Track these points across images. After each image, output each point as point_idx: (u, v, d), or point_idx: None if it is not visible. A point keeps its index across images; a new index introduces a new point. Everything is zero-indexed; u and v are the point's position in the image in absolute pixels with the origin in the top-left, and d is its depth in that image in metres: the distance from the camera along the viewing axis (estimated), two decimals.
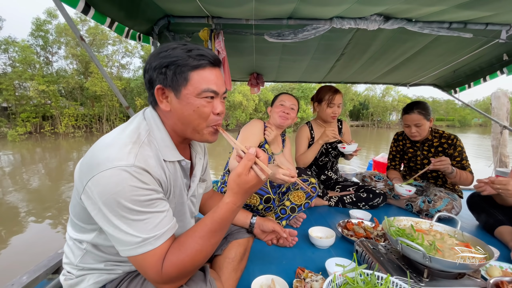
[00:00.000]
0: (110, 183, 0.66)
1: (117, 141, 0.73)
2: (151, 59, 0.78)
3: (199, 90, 0.77)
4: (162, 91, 0.78)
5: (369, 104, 43.58)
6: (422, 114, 2.05)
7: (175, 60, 0.75)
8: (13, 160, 13.06)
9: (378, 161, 4.74)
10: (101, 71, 1.49)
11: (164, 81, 0.77)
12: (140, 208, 0.68)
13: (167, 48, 0.77)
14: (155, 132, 0.80)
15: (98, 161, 0.69)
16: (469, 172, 2.01)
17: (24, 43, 23.35)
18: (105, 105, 25.58)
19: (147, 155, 0.74)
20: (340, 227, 1.69)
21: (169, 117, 0.82)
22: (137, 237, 0.68)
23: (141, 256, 0.70)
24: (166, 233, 0.72)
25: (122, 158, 0.68)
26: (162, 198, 0.75)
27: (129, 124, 0.81)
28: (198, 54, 0.77)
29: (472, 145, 17.84)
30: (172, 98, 0.78)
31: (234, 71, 3.11)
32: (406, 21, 1.76)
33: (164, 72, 0.76)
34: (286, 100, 1.90)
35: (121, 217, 0.67)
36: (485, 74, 2.75)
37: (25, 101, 22.69)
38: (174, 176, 0.84)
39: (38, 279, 1.07)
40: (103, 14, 1.41)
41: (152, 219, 0.70)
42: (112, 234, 0.69)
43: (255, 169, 0.75)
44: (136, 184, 0.68)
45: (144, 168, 0.70)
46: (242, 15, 1.74)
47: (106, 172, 0.66)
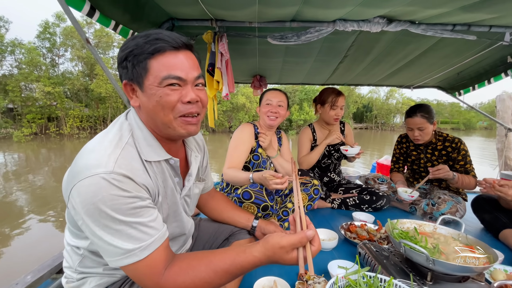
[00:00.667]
0: (89, 192, 0.62)
1: (98, 146, 0.69)
2: (119, 54, 0.73)
3: (159, 79, 0.69)
4: (130, 86, 0.74)
5: (372, 107, 43.41)
6: (425, 117, 2.03)
7: (132, 49, 0.69)
8: (18, 161, 13.20)
9: (381, 164, 4.72)
10: (106, 73, 1.50)
11: (127, 75, 0.72)
12: (123, 217, 0.64)
13: (128, 39, 0.72)
14: (136, 132, 0.76)
15: (78, 169, 0.66)
16: (472, 176, 2.00)
17: (31, 45, 23.68)
18: (109, 107, 25.81)
19: (131, 158, 0.70)
20: (343, 229, 1.69)
21: (141, 113, 0.77)
22: (121, 249, 0.65)
23: (130, 266, 0.67)
24: (153, 243, 0.68)
25: (100, 164, 0.64)
26: (148, 205, 0.70)
27: (112, 127, 0.77)
28: (156, 38, 0.69)
29: (477, 148, 17.66)
30: (139, 92, 0.73)
31: (237, 73, 3.13)
32: (409, 23, 1.76)
33: (125, 65, 0.71)
34: (272, 98, 1.84)
35: (104, 226, 0.64)
36: (490, 76, 2.73)
37: (31, 103, 22.99)
38: (162, 177, 0.80)
39: (42, 278, 1.08)
40: (108, 17, 1.43)
41: (136, 229, 0.66)
42: (98, 245, 0.67)
43: (300, 255, 0.71)
44: (116, 192, 0.63)
45: (125, 175, 0.66)
46: (245, 18, 1.75)
47: (85, 181, 0.63)
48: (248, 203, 1.56)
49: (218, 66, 1.87)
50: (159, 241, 0.70)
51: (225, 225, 1.21)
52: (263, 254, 0.71)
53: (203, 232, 1.20)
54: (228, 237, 1.19)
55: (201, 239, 1.18)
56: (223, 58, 1.89)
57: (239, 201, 1.62)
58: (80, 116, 25.02)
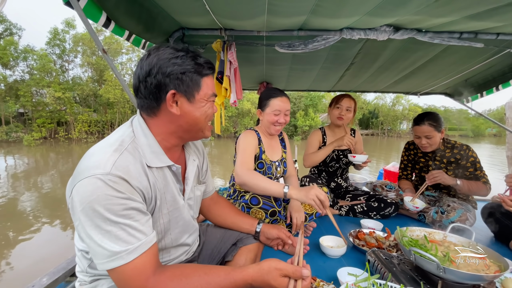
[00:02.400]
0: (87, 191, 0.67)
1: (99, 150, 0.75)
2: (161, 64, 0.77)
3: (208, 95, 0.85)
4: (174, 95, 0.80)
5: (378, 113, 43.13)
6: (433, 126, 2.02)
7: (190, 68, 0.80)
8: (28, 164, 13.45)
9: (389, 170, 4.68)
10: (119, 79, 1.55)
11: (179, 86, 0.79)
12: (114, 218, 0.68)
13: (177, 55, 0.79)
14: (141, 139, 0.81)
15: (79, 171, 0.71)
16: (483, 182, 1.96)
17: (43, 52, 24.32)
18: (117, 112, 26.23)
19: (128, 162, 0.74)
20: (351, 236, 1.68)
21: (172, 122, 0.83)
22: (108, 251, 0.67)
23: (117, 270, 0.69)
24: (140, 247, 0.71)
25: (99, 166, 0.69)
26: (140, 209, 0.74)
27: (115, 133, 0.82)
28: (206, 62, 0.84)
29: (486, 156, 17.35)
30: (184, 102, 0.82)
31: (244, 80, 3.17)
32: (416, 31, 1.77)
33: (181, 78, 0.79)
34: (281, 108, 1.72)
35: (96, 226, 0.67)
36: (498, 83, 2.71)
37: (41, 107, 23.51)
38: (163, 182, 0.84)
39: (57, 281, 1.10)
40: (122, 28, 1.49)
41: (125, 231, 0.69)
42: (90, 246, 0.69)
43: (290, 286, 0.74)
44: (110, 192, 0.68)
45: (121, 176, 0.70)
46: (254, 27, 1.79)
47: (84, 181, 0.68)
48: (256, 209, 1.58)
49: (227, 74, 1.91)
50: (146, 246, 0.72)
51: (232, 230, 1.23)
52: (257, 272, 0.75)
53: (211, 237, 1.21)
54: (236, 242, 1.20)
55: (209, 244, 1.19)
56: (231, 66, 1.93)
57: (247, 206, 1.63)
58: (89, 121, 25.46)
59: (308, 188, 1.31)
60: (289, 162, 1.97)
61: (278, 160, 1.89)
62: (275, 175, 1.86)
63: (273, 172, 1.84)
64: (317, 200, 1.26)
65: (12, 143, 21.71)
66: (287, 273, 0.75)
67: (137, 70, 0.81)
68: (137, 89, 0.81)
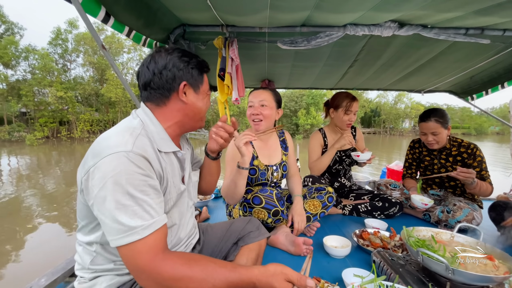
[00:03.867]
0: (110, 166, 0.70)
1: (115, 133, 0.79)
2: (174, 61, 0.89)
3: (207, 89, 0.99)
4: (186, 86, 0.91)
5: (381, 111, 42.97)
6: (439, 122, 1.99)
7: (197, 64, 0.93)
8: (30, 163, 13.50)
9: (392, 169, 4.64)
10: (120, 78, 1.53)
11: (190, 79, 0.91)
12: (134, 192, 0.71)
13: (186, 54, 0.92)
14: (150, 127, 0.87)
15: (99, 151, 0.73)
16: (488, 183, 1.94)
17: (44, 51, 24.38)
18: (119, 111, 26.29)
19: (145, 144, 0.80)
20: (355, 236, 1.65)
21: (180, 111, 0.93)
22: (124, 226, 0.69)
23: (130, 246, 0.70)
24: (154, 224, 0.73)
25: (120, 144, 0.74)
26: (156, 187, 0.78)
27: (122, 123, 0.87)
28: (203, 60, 0.97)
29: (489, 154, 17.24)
30: (191, 93, 0.93)
31: (246, 78, 3.14)
32: (421, 27, 1.74)
33: (191, 72, 0.91)
34: (253, 99, 1.68)
35: (115, 201, 0.69)
36: (503, 80, 2.67)
37: (43, 107, 23.60)
38: (171, 167, 0.91)
39: (56, 281, 1.08)
40: (122, 23, 1.46)
41: (141, 207, 0.72)
42: (105, 222, 0.71)
43: None
44: (133, 168, 0.72)
45: (142, 155, 0.75)
46: (256, 23, 1.76)
47: (107, 158, 0.71)
48: (259, 208, 1.55)
49: (228, 71, 1.88)
50: (159, 224, 0.75)
51: (232, 229, 1.21)
52: (263, 273, 0.76)
53: (211, 236, 1.20)
54: (237, 241, 1.18)
55: (209, 244, 1.17)
56: (233, 63, 1.90)
57: (249, 206, 1.61)
58: (91, 120, 25.54)
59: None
60: (291, 164, 1.89)
61: (277, 164, 1.79)
62: (271, 180, 1.77)
63: (268, 177, 1.75)
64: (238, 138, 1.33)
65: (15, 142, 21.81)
66: (292, 279, 0.76)
67: (151, 65, 0.89)
68: (150, 82, 0.89)
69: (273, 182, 1.81)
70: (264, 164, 1.75)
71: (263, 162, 1.75)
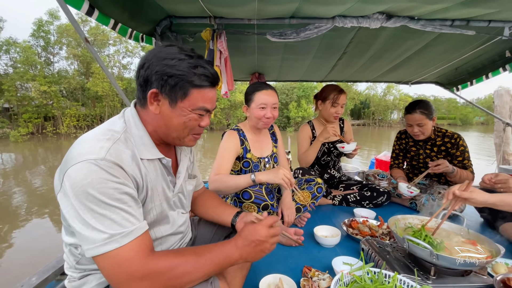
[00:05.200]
0: (80, 175, 0.66)
1: (91, 138, 0.74)
2: (154, 61, 0.78)
3: (195, 107, 0.81)
4: (156, 95, 0.79)
5: (370, 103, 43.49)
6: (424, 114, 2.04)
7: (180, 74, 0.77)
8: (15, 161, 13.11)
9: (380, 160, 4.73)
10: (105, 71, 1.49)
11: (163, 88, 0.78)
12: (109, 201, 0.67)
13: (173, 57, 0.77)
14: (133, 130, 0.81)
15: (71, 156, 0.70)
16: (470, 172, 2.03)
17: (26, 44, 23.41)
18: (106, 106, 25.65)
19: (121, 151, 0.74)
20: (345, 225, 1.70)
21: (155, 119, 0.83)
22: (104, 233, 0.66)
23: (110, 254, 0.67)
24: (135, 231, 0.70)
25: (93, 151, 0.69)
26: (133, 195, 0.74)
27: (107, 123, 0.82)
28: (203, 74, 0.80)
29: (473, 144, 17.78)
30: (165, 104, 0.80)
31: (235, 71, 3.12)
32: (408, 19, 1.76)
33: (165, 80, 0.77)
34: (267, 101, 1.63)
35: (90, 210, 0.66)
36: (488, 71, 2.74)
37: (27, 102, 22.77)
38: (154, 174, 0.84)
39: (47, 280, 1.07)
40: (106, 16, 1.42)
41: (119, 215, 0.69)
42: (80, 232, 0.67)
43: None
44: (105, 176, 0.68)
45: (116, 162, 0.71)
46: (244, 15, 1.74)
47: (77, 165, 0.67)
48: (248, 203, 1.56)
49: (217, 64, 1.86)
50: (140, 231, 0.72)
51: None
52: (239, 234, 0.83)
53: (203, 231, 1.19)
54: (229, 234, 1.18)
55: (201, 238, 1.17)
56: (222, 56, 1.88)
57: (239, 201, 1.62)
58: (77, 115, 24.83)
59: (275, 169, 1.39)
60: (280, 156, 1.93)
61: (268, 155, 1.83)
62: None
63: (261, 169, 1.78)
64: (286, 179, 1.38)
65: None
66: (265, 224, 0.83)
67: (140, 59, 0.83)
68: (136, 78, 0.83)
69: None
70: (257, 156, 1.77)
71: (256, 155, 1.77)
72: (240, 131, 1.75)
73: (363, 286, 0.88)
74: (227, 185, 1.51)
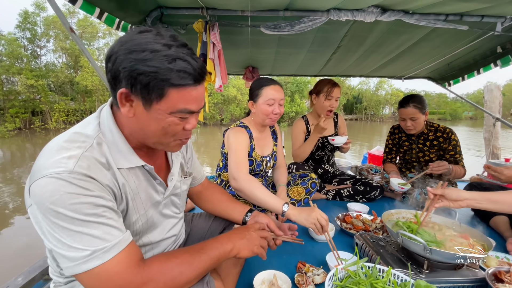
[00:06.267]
0: (46, 193, 0.58)
1: (58, 145, 0.64)
2: (120, 53, 0.63)
3: (175, 109, 0.67)
4: (127, 95, 0.66)
5: (362, 98, 43.80)
6: (417, 108, 2.06)
7: (153, 71, 0.62)
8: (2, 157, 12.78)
9: (373, 154, 4.78)
10: (92, 64, 1.44)
11: (133, 87, 0.64)
12: (83, 217, 0.60)
13: (145, 48, 0.62)
14: (107, 135, 0.70)
15: (35, 169, 0.61)
16: (461, 166, 2.06)
17: (11, 36, 22.63)
18: (96, 100, 25.09)
19: (93, 160, 0.65)
20: (339, 220, 1.70)
21: (130, 122, 0.71)
22: (84, 250, 0.59)
23: (93, 271, 0.60)
24: (119, 244, 0.63)
25: (59, 164, 0.60)
26: (111, 207, 0.66)
27: (79, 126, 0.72)
28: (182, 70, 0.64)
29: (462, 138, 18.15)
30: (139, 106, 0.67)
31: (229, 64, 3.06)
32: (403, 13, 1.74)
33: (135, 77, 0.62)
34: (275, 96, 1.58)
35: (63, 229, 0.59)
36: (479, 66, 2.76)
37: (13, 96, 22.08)
38: (136, 182, 0.76)
39: (34, 280, 1.04)
40: (91, 4, 1.35)
41: (98, 230, 0.61)
42: (56, 251, 0.60)
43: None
44: (75, 190, 0.59)
45: (87, 174, 0.62)
46: (237, 6, 1.69)
47: (41, 181, 0.59)
48: (243, 200, 1.55)
49: (210, 57, 1.82)
50: (124, 243, 0.65)
51: (218, 219, 1.19)
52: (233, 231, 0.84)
53: (196, 227, 1.18)
54: (223, 230, 1.17)
55: (195, 235, 1.16)
56: (215, 49, 1.83)
57: (234, 197, 1.60)
58: (66, 110, 24.23)
59: (309, 210, 1.22)
60: (279, 154, 1.91)
61: (269, 154, 1.81)
62: (264, 170, 1.81)
63: (263, 168, 1.76)
64: (318, 224, 1.17)
65: None
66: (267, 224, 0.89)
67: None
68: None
69: (265, 172, 1.83)
70: (260, 155, 1.74)
71: (259, 154, 1.74)
72: (247, 129, 1.68)
73: (358, 281, 0.88)
74: (255, 195, 1.35)
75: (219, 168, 1.81)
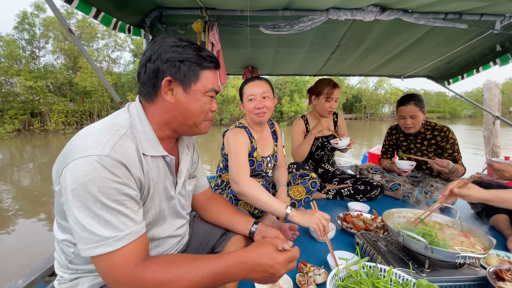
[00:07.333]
0: (81, 171, 0.64)
1: (95, 131, 0.72)
2: (162, 50, 0.78)
3: (207, 89, 0.83)
4: (170, 83, 0.79)
5: (362, 97, 43.82)
6: (418, 105, 2.07)
7: (190, 57, 0.79)
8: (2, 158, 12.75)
9: (373, 153, 4.78)
10: (92, 65, 1.43)
11: (176, 74, 0.78)
12: (107, 201, 0.65)
13: (179, 44, 0.79)
14: (137, 125, 0.80)
15: (73, 150, 0.68)
16: (461, 164, 2.06)
17: (9, 37, 22.58)
18: (95, 101, 25.07)
19: (127, 147, 0.73)
20: (339, 219, 1.70)
21: (169, 110, 0.82)
22: (96, 235, 0.64)
23: (103, 257, 0.66)
24: (130, 235, 0.68)
25: (97, 147, 0.67)
26: (133, 196, 0.72)
27: (111, 117, 0.81)
28: (209, 55, 0.83)
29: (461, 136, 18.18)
30: (179, 92, 0.80)
31: (228, 65, 3.06)
32: (402, 12, 1.74)
33: (178, 66, 0.78)
34: (254, 92, 1.57)
35: (86, 209, 0.64)
36: (478, 65, 2.77)
37: (12, 98, 22.05)
38: (156, 172, 0.82)
39: (35, 282, 1.03)
40: (88, 4, 1.34)
41: (115, 217, 0.67)
42: (75, 229, 0.66)
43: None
44: (106, 175, 0.65)
45: (120, 161, 0.69)
46: (237, 6, 1.69)
47: (79, 160, 0.65)
48: (244, 201, 1.55)
49: None
50: (135, 235, 0.70)
51: None
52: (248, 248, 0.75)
53: (198, 228, 1.17)
54: (226, 232, 1.15)
55: (197, 236, 1.15)
56: (214, 49, 1.83)
57: (235, 198, 1.60)
58: (65, 111, 24.19)
59: (311, 212, 1.24)
60: (280, 154, 1.91)
61: (270, 155, 1.81)
62: (265, 171, 1.81)
63: (263, 168, 1.76)
64: (321, 225, 1.19)
65: None
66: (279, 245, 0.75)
67: (143, 55, 0.82)
68: (139, 75, 0.83)
69: (266, 173, 1.83)
70: (261, 155, 1.74)
71: (260, 154, 1.74)
72: (247, 129, 1.69)
73: (359, 281, 0.88)
74: (257, 199, 1.35)
75: (220, 169, 1.81)
